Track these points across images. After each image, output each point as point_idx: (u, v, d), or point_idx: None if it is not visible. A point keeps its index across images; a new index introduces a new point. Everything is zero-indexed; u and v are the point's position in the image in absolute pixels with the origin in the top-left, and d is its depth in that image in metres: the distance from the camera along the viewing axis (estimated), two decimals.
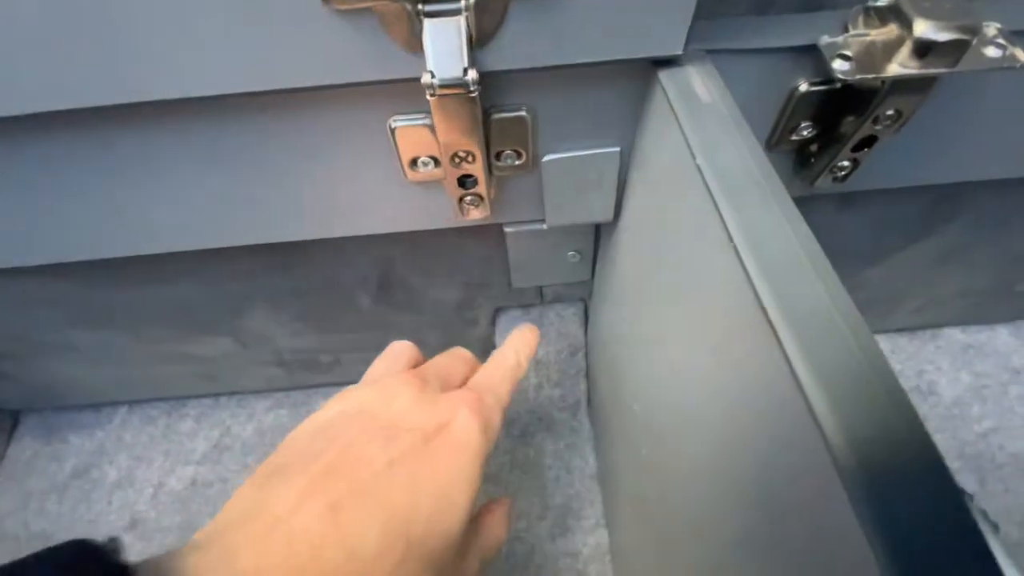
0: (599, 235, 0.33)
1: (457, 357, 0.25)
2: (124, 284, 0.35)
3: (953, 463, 0.43)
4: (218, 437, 0.47)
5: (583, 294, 0.42)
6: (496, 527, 0.24)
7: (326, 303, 0.38)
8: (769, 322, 0.12)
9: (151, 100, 0.18)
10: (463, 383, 0.24)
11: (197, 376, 0.45)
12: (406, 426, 0.20)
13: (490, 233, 0.32)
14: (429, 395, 0.22)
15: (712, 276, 0.15)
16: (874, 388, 0.11)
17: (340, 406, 0.21)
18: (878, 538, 0.09)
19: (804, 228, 0.13)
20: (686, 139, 0.16)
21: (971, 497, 0.40)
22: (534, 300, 0.40)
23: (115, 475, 0.46)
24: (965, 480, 0.42)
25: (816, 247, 0.13)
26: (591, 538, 0.40)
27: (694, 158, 0.15)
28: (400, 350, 0.25)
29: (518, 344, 0.26)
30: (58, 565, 0.14)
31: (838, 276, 0.12)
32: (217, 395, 0.48)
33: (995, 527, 0.34)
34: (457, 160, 0.20)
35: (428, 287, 0.38)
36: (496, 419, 0.23)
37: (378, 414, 0.21)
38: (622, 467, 0.34)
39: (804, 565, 0.12)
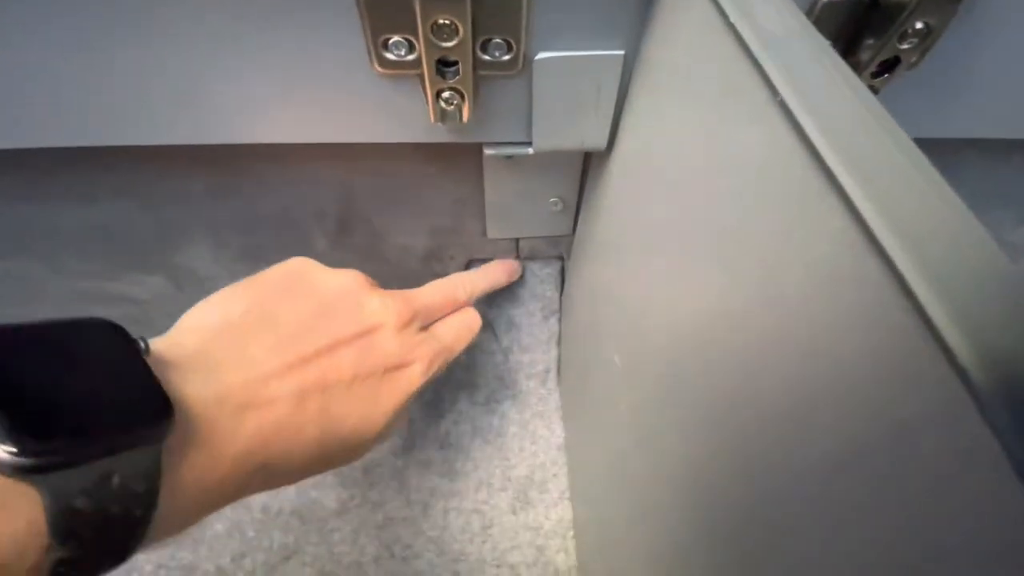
0: (584, 183, 0.31)
1: (447, 297, 0.29)
2: (41, 200, 0.30)
3: None
4: None
5: (561, 252, 0.39)
6: (398, 423, 0.27)
7: (276, 242, 0.34)
8: (842, 192, 0.09)
9: None
10: (440, 318, 0.29)
11: (126, 321, 0.40)
12: (379, 349, 0.24)
13: (466, 165, 0.29)
14: (410, 331, 0.25)
15: (752, 157, 0.12)
16: (987, 275, 0.08)
17: (345, 284, 0.24)
18: None
19: (858, 81, 0.11)
20: (715, 1, 0.13)
21: None
22: (509, 254, 0.37)
23: None
24: None
25: (875, 101, 0.11)
26: (554, 512, 0.38)
27: (726, 18, 0.13)
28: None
29: (474, 316, 0.30)
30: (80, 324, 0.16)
31: None
32: None
33: None
34: (437, 31, 0.17)
35: (393, 230, 0.35)
36: (439, 369, 0.27)
37: (368, 323, 0.24)
38: (595, 433, 0.31)
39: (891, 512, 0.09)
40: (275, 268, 0.24)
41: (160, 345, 0.18)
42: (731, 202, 0.14)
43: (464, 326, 0.29)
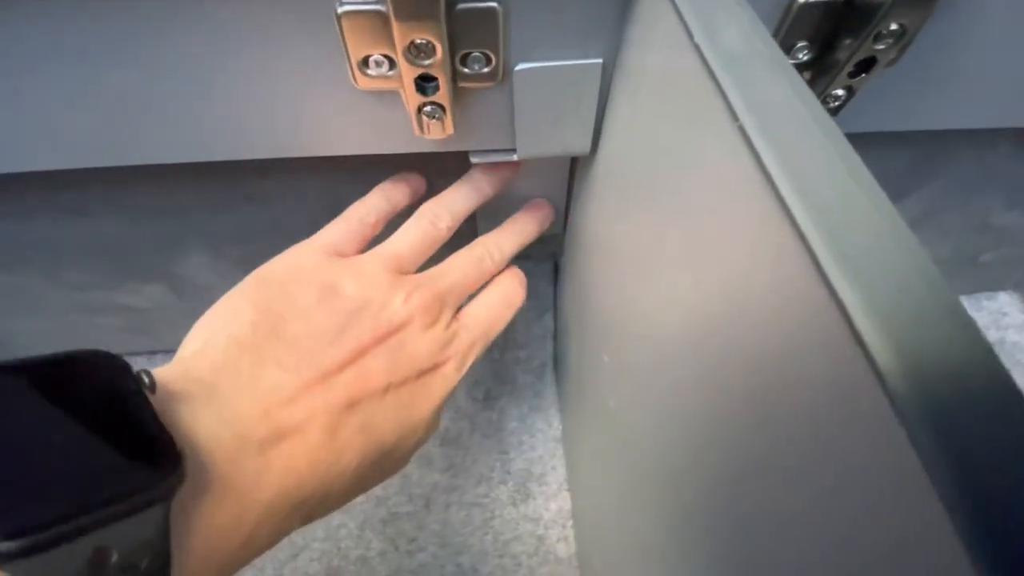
0: (572, 181, 0.31)
1: (475, 271, 0.25)
2: (39, 217, 0.30)
3: None
4: None
5: (553, 250, 0.39)
6: (432, 427, 0.24)
7: (271, 250, 0.34)
8: (785, 208, 0.10)
9: None
10: (472, 296, 0.25)
11: (127, 330, 0.40)
12: (409, 350, 0.21)
13: (455, 168, 0.29)
14: (441, 327, 0.23)
15: (713, 170, 0.13)
16: (919, 290, 0.09)
17: (359, 280, 0.21)
18: (949, 479, 0.07)
19: (818, 106, 0.11)
20: (683, 20, 0.14)
21: None
22: None
23: None
24: None
25: (832, 124, 0.11)
26: (553, 503, 0.39)
27: (691, 38, 0.13)
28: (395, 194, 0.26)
29: (514, 285, 0.26)
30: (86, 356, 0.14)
31: None
32: (152, 352, 0.44)
33: None
34: (415, 51, 0.17)
35: (387, 234, 0.35)
36: (475, 360, 0.24)
37: (392, 323, 0.21)
38: (588, 426, 0.32)
39: (823, 505, 0.10)
40: (280, 264, 0.22)
41: (166, 375, 0.16)
42: (697, 213, 0.14)
43: (500, 303, 0.25)
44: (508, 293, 0.26)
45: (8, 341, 0.41)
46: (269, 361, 0.18)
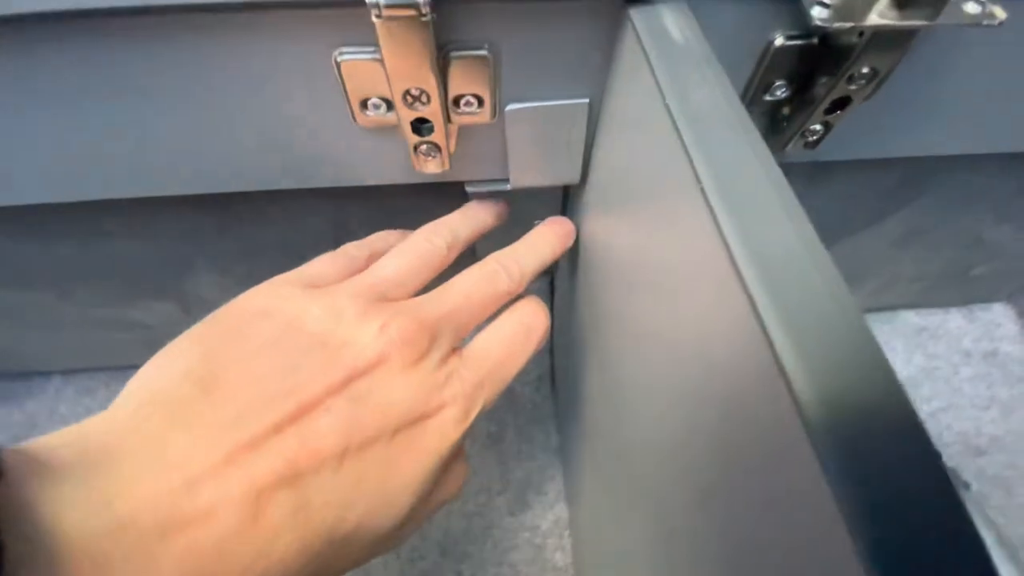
0: (566, 203, 0.32)
1: (484, 294, 0.20)
2: (53, 240, 0.32)
3: None
4: None
5: (549, 267, 0.41)
6: (451, 485, 0.20)
7: (275, 267, 0.36)
8: (735, 266, 0.11)
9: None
10: (480, 326, 0.20)
11: (138, 344, 0.42)
12: (381, 399, 0.16)
13: (453, 194, 0.30)
14: (430, 364, 0.17)
15: (678, 223, 0.14)
16: (845, 340, 0.10)
17: (325, 311, 0.17)
18: (846, 496, 0.08)
19: (776, 170, 0.12)
20: (656, 79, 0.15)
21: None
22: None
23: None
24: None
25: (788, 190, 0.12)
26: (551, 513, 0.40)
27: (663, 98, 0.14)
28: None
29: (536, 310, 0.22)
30: None
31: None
32: None
33: (967, 485, 0.35)
34: (410, 100, 0.18)
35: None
36: (485, 406, 0.19)
37: (357, 363, 0.16)
38: (583, 439, 0.33)
39: (765, 524, 0.11)
40: (247, 297, 0.18)
41: (45, 444, 0.13)
42: (665, 256, 0.15)
43: (517, 333, 0.20)
44: (527, 320, 0.21)
45: (25, 353, 0.43)
46: (184, 422, 0.14)
